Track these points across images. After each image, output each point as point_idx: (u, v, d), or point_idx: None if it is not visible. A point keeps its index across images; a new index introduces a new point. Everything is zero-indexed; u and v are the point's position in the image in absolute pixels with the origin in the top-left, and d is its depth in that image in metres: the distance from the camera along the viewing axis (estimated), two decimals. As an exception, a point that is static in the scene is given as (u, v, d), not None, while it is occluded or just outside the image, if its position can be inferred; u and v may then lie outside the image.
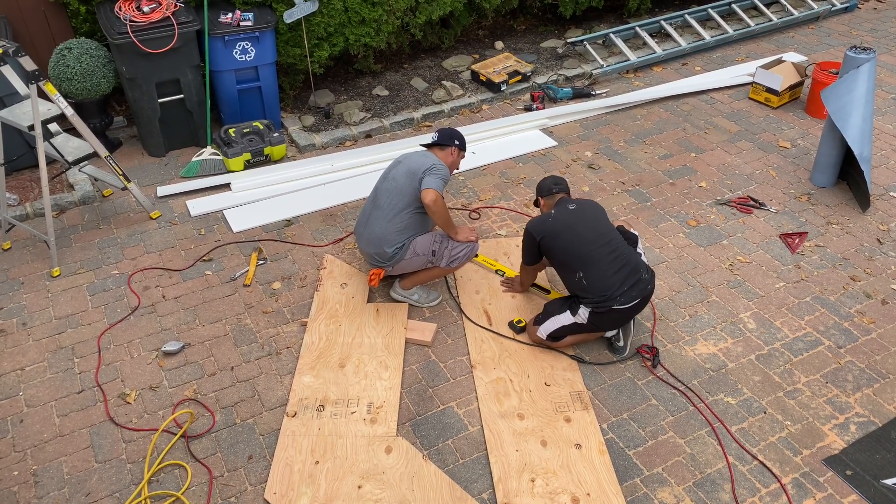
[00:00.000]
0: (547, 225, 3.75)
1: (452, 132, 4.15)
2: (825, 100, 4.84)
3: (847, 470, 3.28)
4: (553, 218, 3.77)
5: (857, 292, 4.27)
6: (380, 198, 3.97)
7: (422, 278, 4.11)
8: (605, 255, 3.64)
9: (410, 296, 4.14)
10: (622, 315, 3.68)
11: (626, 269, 3.65)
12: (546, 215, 3.82)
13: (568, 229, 3.70)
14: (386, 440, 3.38)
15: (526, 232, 3.81)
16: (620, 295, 3.60)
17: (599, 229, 3.72)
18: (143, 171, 5.34)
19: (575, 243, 3.67)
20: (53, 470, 3.30)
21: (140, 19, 4.93)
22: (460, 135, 4.15)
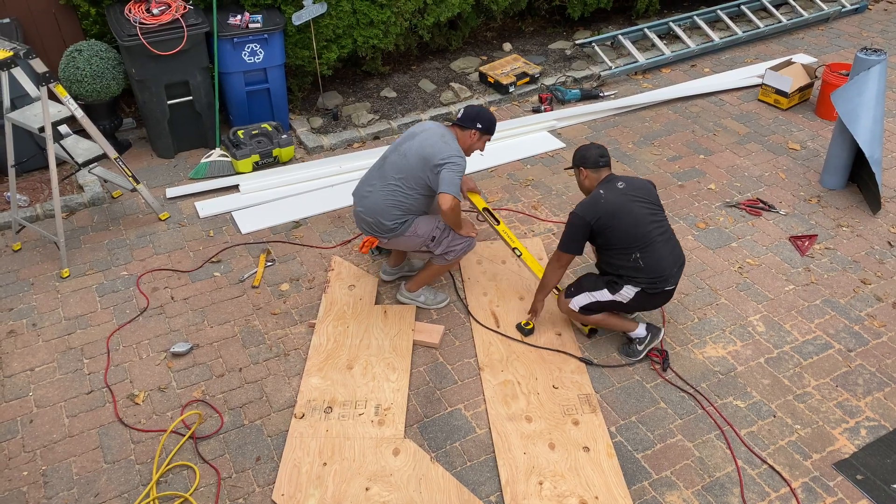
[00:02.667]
0: (600, 206, 3.56)
1: (479, 113, 3.84)
2: (835, 102, 4.82)
3: (857, 474, 3.26)
4: (605, 199, 3.58)
5: (867, 295, 4.24)
6: (387, 170, 3.83)
7: (424, 278, 4.10)
8: (659, 236, 3.59)
9: (417, 298, 4.14)
10: (667, 296, 3.70)
11: (677, 250, 3.66)
12: (596, 197, 3.61)
13: (624, 210, 3.55)
14: (394, 442, 3.38)
15: (574, 216, 3.59)
16: (671, 276, 3.61)
17: (653, 208, 3.64)
18: (152, 173, 5.36)
19: (632, 224, 3.55)
20: (62, 470, 3.32)
21: (149, 21, 4.95)
22: (487, 115, 3.83)
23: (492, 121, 3.85)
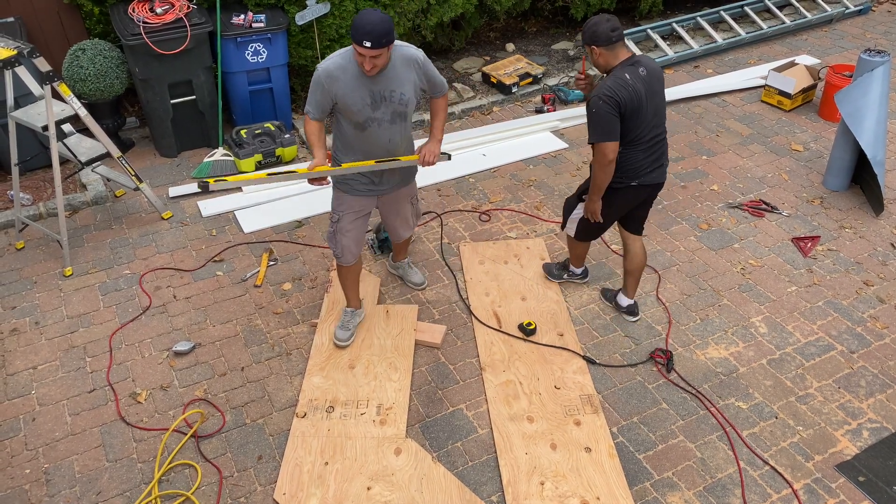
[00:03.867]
0: (628, 91, 3.25)
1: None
2: (839, 103, 4.81)
3: (860, 476, 3.26)
4: (631, 87, 3.25)
5: (870, 297, 4.24)
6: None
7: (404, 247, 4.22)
8: (654, 136, 3.46)
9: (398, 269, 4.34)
10: (635, 195, 3.61)
11: (660, 151, 3.53)
12: (621, 82, 3.26)
13: (643, 105, 3.31)
14: (395, 441, 3.38)
15: (604, 104, 3.24)
16: (644, 174, 3.53)
17: (662, 105, 3.45)
18: (155, 172, 5.37)
19: (642, 119, 3.35)
20: (65, 468, 3.32)
21: (153, 21, 4.96)
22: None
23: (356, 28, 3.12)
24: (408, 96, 3.34)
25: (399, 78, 3.30)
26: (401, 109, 3.36)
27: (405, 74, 3.31)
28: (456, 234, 4.75)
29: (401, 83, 3.31)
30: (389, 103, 3.32)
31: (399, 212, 3.86)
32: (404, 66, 3.31)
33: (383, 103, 3.31)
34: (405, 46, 3.35)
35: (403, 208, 3.86)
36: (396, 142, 3.46)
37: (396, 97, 3.31)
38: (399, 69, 3.29)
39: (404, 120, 3.42)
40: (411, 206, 3.89)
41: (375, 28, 3.05)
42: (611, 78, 3.31)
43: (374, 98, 3.29)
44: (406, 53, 3.32)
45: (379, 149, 3.45)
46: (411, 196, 3.84)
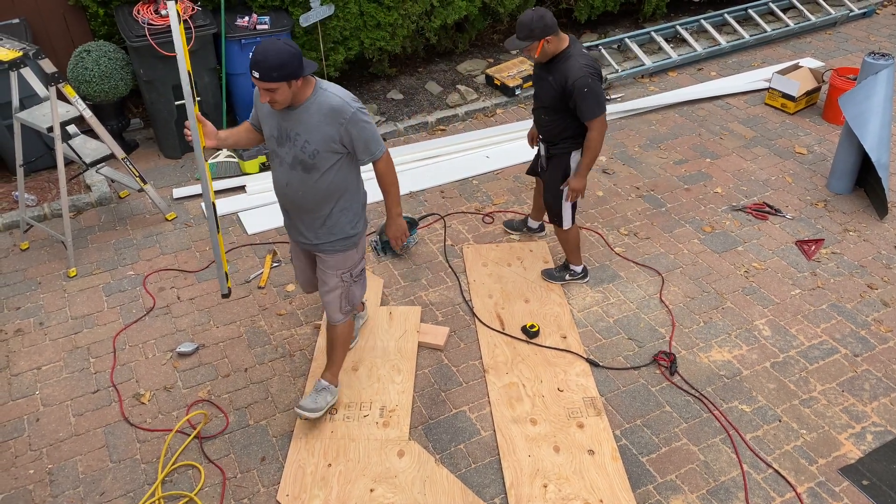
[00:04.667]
0: (597, 66, 3.64)
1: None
2: (843, 106, 4.81)
3: (863, 480, 3.25)
4: (594, 60, 3.64)
5: (874, 300, 4.23)
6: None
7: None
8: None
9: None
10: None
11: None
12: (587, 56, 3.62)
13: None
14: (398, 444, 3.38)
15: (593, 79, 3.56)
16: None
17: None
18: (159, 173, 5.38)
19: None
20: (68, 469, 3.33)
21: (157, 22, 4.97)
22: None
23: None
24: (313, 147, 2.93)
25: (309, 124, 2.91)
26: (303, 157, 2.96)
27: (320, 124, 2.91)
28: (459, 236, 4.75)
29: (309, 130, 2.92)
30: (293, 146, 2.96)
31: (325, 283, 3.31)
32: (322, 115, 2.90)
33: (287, 143, 2.98)
34: (336, 96, 2.93)
35: (327, 278, 3.28)
36: (295, 189, 3.04)
37: (300, 143, 2.94)
38: (314, 115, 2.91)
39: (308, 171, 2.98)
40: (340, 283, 3.28)
41: (267, 59, 2.73)
42: (575, 57, 3.59)
43: (280, 133, 2.98)
44: (332, 104, 2.91)
45: (278, 187, 3.12)
46: (340, 270, 3.26)
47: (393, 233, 3.31)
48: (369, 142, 2.99)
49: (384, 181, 3.17)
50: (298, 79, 2.82)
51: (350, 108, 2.91)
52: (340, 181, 3.07)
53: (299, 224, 3.19)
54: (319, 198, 3.07)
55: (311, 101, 2.91)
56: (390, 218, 3.28)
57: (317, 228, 3.16)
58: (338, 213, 3.13)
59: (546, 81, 3.72)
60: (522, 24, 3.54)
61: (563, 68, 3.60)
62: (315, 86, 2.94)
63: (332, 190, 3.06)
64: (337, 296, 3.31)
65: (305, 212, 3.12)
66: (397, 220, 3.27)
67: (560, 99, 3.66)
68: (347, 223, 3.18)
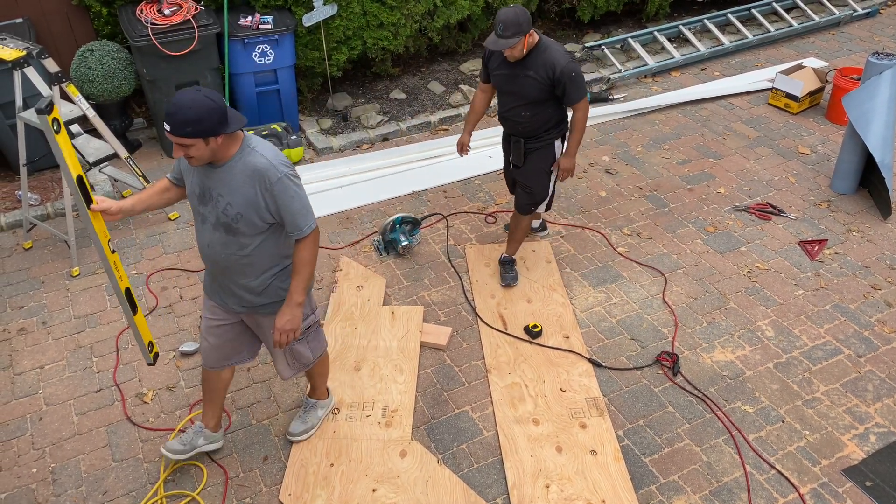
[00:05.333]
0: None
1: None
2: (846, 106, 4.80)
3: (866, 481, 3.24)
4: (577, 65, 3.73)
5: (877, 301, 4.22)
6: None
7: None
8: None
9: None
10: None
11: None
12: (559, 43, 3.73)
13: None
14: (401, 444, 3.38)
15: (576, 63, 3.69)
16: None
17: None
18: (162, 173, 5.38)
19: None
20: (71, 468, 3.33)
21: (161, 22, 4.98)
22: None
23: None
24: (235, 210, 2.62)
25: (232, 185, 2.61)
26: (226, 220, 2.65)
27: (242, 186, 2.61)
28: (462, 236, 4.75)
29: (231, 192, 2.62)
30: (215, 207, 2.66)
31: (267, 342, 3.05)
32: (245, 177, 2.60)
33: (210, 202, 2.67)
34: (263, 157, 2.61)
35: (269, 340, 3.01)
36: (217, 252, 2.73)
37: (222, 205, 2.64)
38: (237, 176, 2.61)
39: (231, 234, 2.67)
40: (286, 347, 2.97)
41: (181, 112, 2.44)
42: (552, 47, 3.68)
43: (202, 191, 2.68)
44: (256, 165, 2.60)
45: (200, 246, 2.81)
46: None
47: (282, 323, 2.79)
48: (297, 215, 2.66)
49: (301, 257, 2.74)
50: (218, 136, 2.50)
51: (277, 171, 2.59)
52: (271, 249, 2.75)
53: (228, 284, 2.83)
54: (245, 264, 2.74)
55: (235, 159, 2.60)
56: (288, 304, 2.78)
57: (245, 293, 2.83)
58: (270, 279, 2.81)
59: (524, 77, 3.71)
60: (509, 22, 3.50)
61: (544, 59, 3.64)
62: (242, 143, 2.63)
63: (261, 258, 2.75)
64: (280, 356, 3.06)
65: (229, 275, 2.79)
66: (295, 309, 2.78)
67: (546, 89, 3.69)
68: (282, 289, 2.85)
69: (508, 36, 3.54)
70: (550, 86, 3.69)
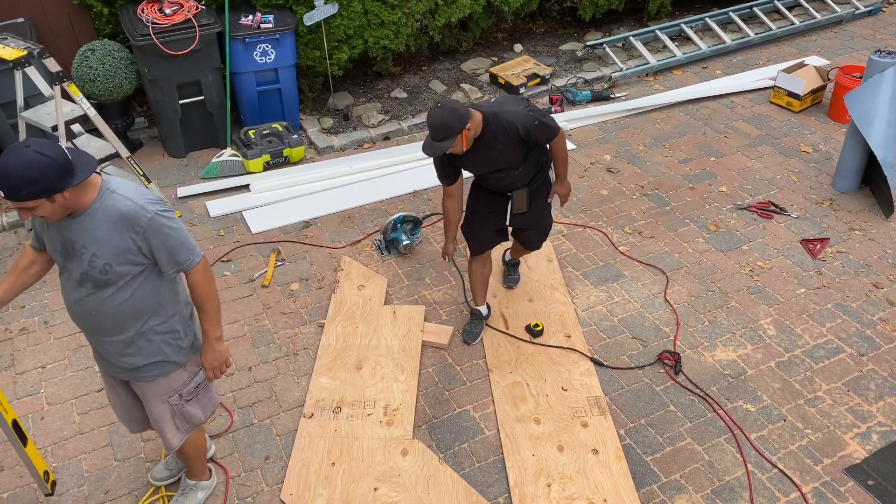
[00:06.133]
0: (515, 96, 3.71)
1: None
2: (848, 104, 4.79)
3: (869, 480, 3.24)
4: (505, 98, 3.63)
5: (879, 299, 4.21)
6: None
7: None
8: None
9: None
10: None
11: None
12: (504, 101, 3.45)
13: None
14: (402, 442, 3.38)
15: (533, 110, 3.38)
16: None
17: None
18: (163, 172, 5.39)
19: None
20: (73, 467, 3.33)
21: (162, 21, 4.98)
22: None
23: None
24: (103, 261, 2.37)
25: (95, 235, 2.36)
26: (92, 273, 2.40)
27: (109, 234, 2.36)
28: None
29: (96, 241, 2.36)
30: (79, 260, 2.40)
31: (150, 410, 2.76)
32: (111, 224, 2.36)
33: (74, 256, 2.41)
34: (127, 199, 2.37)
35: (153, 407, 2.74)
36: (87, 310, 2.48)
37: (87, 257, 2.38)
38: (100, 223, 2.36)
39: (100, 288, 2.43)
40: (168, 407, 2.74)
41: (10, 176, 2.17)
42: (501, 113, 3.33)
43: (63, 245, 2.43)
44: (120, 209, 2.35)
45: (67, 306, 2.54)
46: (165, 394, 2.71)
47: (210, 361, 2.69)
48: (175, 251, 2.45)
49: (199, 294, 2.57)
50: (63, 191, 2.24)
51: (145, 213, 2.36)
52: (147, 296, 2.50)
53: (105, 346, 2.57)
54: (120, 319, 2.49)
55: (95, 206, 2.35)
56: (207, 342, 2.67)
57: (122, 353, 2.57)
58: (149, 333, 2.56)
59: (493, 153, 3.39)
60: (438, 127, 3.18)
61: (502, 128, 3.32)
62: (101, 187, 2.38)
63: (137, 307, 2.50)
64: (167, 421, 2.77)
65: (103, 334, 2.53)
66: (216, 345, 2.66)
67: (522, 147, 3.42)
68: (164, 343, 2.60)
69: (442, 139, 3.20)
70: (525, 142, 3.40)
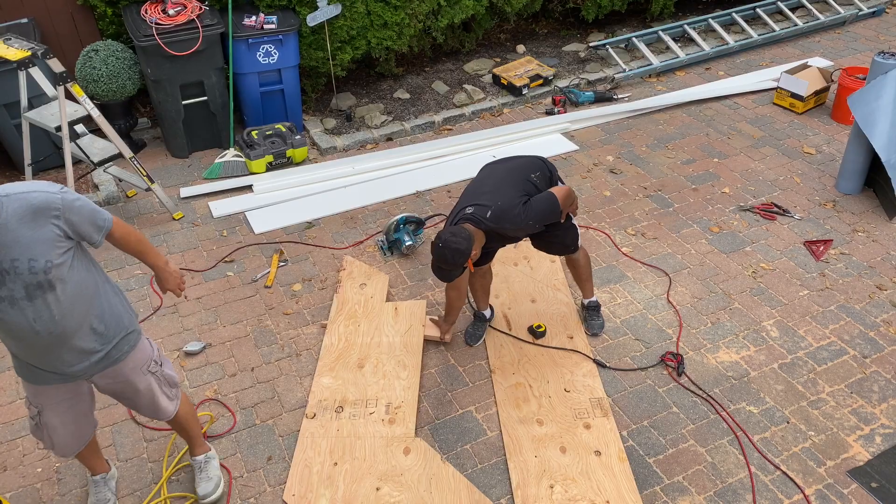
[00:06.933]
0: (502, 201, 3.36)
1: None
2: (852, 105, 4.78)
3: (872, 482, 3.23)
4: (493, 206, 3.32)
5: (883, 301, 4.20)
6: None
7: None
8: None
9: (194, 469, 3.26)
10: None
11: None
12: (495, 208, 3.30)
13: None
14: (404, 441, 3.38)
15: (525, 206, 3.32)
16: None
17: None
18: (166, 172, 5.39)
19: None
20: (76, 467, 3.34)
21: (165, 22, 4.99)
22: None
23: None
24: (43, 261, 2.35)
25: (20, 241, 2.31)
26: (38, 279, 2.36)
27: (32, 233, 2.32)
28: (466, 236, 4.74)
29: (25, 247, 2.32)
30: (16, 276, 2.34)
31: (135, 389, 2.82)
32: (28, 223, 2.31)
33: (7, 278, 2.33)
34: (31, 193, 2.33)
35: (136, 383, 2.80)
36: (47, 322, 2.44)
37: (24, 267, 2.33)
38: (17, 229, 2.30)
39: (51, 290, 2.41)
40: (152, 377, 2.84)
41: None
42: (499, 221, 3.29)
43: None
44: (35, 203, 2.33)
45: (23, 337, 2.47)
46: (144, 364, 2.80)
47: (171, 283, 2.86)
48: (94, 217, 2.49)
49: (129, 241, 2.69)
50: None
51: (55, 196, 2.37)
52: (86, 276, 2.53)
53: (67, 355, 2.57)
54: (81, 308, 2.52)
55: (1, 219, 2.27)
56: (160, 271, 2.83)
57: (93, 347, 2.61)
58: (106, 307, 2.63)
59: (500, 244, 3.57)
60: (444, 268, 3.29)
61: (506, 233, 3.39)
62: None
63: (85, 289, 2.53)
64: (157, 393, 2.87)
65: (71, 337, 2.53)
66: (167, 268, 2.84)
67: (532, 231, 3.48)
68: (122, 310, 2.70)
69: (449, 271, 3.33)
70: (532, 231, 3.45)
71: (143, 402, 2.87)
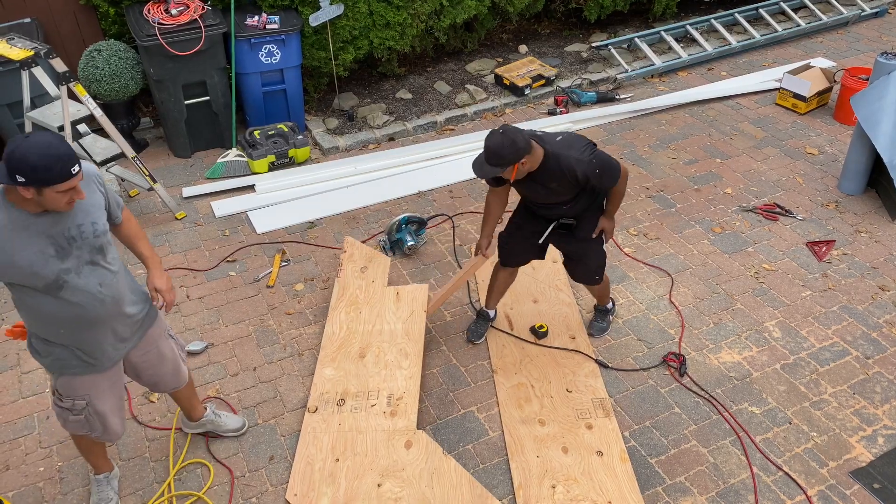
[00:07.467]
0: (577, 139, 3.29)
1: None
2: (855, 106, 4.78)
3: (874, 483, 3.23)
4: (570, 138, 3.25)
5: (885, 302, 4.20)
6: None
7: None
8: None
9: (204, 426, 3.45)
10: None
11: None
12: (567, 141, 3.22)
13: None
14: (406, 434, 3.37)
15: (597, 157, 3.18)
16: None
17: None
18: (168, 172, 5.40)
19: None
20: (78, 467, 3.34)
21: (168, 22, 4.99)
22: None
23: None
24: (101, 223, 2.55)
25: (83, 205, 2.49)
26: (99, 243, 2.54)
27: (90, 197, 2.53)
28: (468, 237, 4.75)
29: (88, 211, 2.51)
30: (83, 242, 2.49)
31: (161, 355, 2.96)
32: (89, 188, 2.54)
33: (73, 246, 2.47)
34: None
35: (162, 348, 2.96)
36: (112, 284, 2.61)
37: (88, 231, 2.50)
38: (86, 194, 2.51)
39: (104, 253, 2.57)
40: (173, 341, 3.04)
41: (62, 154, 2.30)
42: (562, 154, 3.17)
43: (57, 247, 2.44)
44: (87, 171, 2.50)
45: (92, 307, 2.56)
46: (165, 328, 3.00)
47: (165, 283, 2.86)
48: (115, 194, 2.73)
49: (133, 226, 2.84)
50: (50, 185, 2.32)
51: (95, 168, 2.59)
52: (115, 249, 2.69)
53: (120, 325, 2.72)
54: (123, 272, 2.71)
55: None
56: (154, 269, 2.87)
57: (135, 311, 2.77)
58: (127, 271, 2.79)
59: (547, 188, 3.29)
60: (492, 153, 3.08)
61: (560, 171, 3.19)
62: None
63: (118, 256, 2.70)
64: (178, 353, 3.06)
65: (123, 298, 2.69)
66: (161, 268, 2.90)
67: (577, 188, 3.30)
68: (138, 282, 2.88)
69: (493, 164, 3.11)
70: (581, 186, 3.27)
71: (168, 370, 3.02)
